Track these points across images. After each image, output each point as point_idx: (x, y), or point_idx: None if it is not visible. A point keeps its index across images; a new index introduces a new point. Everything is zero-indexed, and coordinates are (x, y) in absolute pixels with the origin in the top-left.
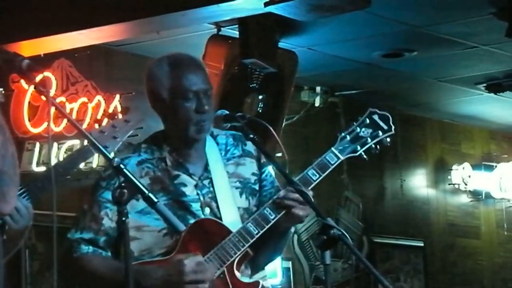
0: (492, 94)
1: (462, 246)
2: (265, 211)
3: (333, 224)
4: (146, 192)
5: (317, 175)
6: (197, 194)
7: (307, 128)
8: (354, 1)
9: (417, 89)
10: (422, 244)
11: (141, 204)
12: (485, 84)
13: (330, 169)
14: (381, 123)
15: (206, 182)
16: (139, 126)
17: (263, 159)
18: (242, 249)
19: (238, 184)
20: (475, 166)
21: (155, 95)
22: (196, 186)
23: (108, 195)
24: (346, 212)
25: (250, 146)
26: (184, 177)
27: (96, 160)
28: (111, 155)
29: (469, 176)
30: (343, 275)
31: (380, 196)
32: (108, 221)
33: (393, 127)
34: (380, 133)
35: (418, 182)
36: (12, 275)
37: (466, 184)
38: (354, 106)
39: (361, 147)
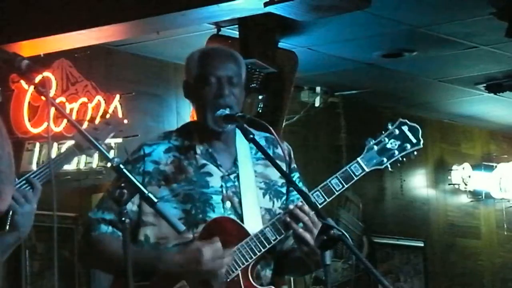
0: (492, 94)
1: (462, 246)
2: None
3: (333, 224)
4: (146, 192)
5: (340, 186)
6: (221, 186)
7: (307, 129)
8: (354, 1)
9: (417, 89)
10: (422, 244)
11: (163, 191)
12: (485, 84)
13: (354, 181)
14: (410, 136)
15: (232, 176)
16: (120, 129)
17: (293, 164)
18: (258, 254)
19: (263, 184)
20: (475, 166)
21: (185, 82)
22: (222, 177)
23: None
24: (346, 212)
25: (281, 150)
26: (211, 167)
27: (96, 160)
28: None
29: (469, 176)
30: (343, 275)
31: (380, 196)
32: (130, 204)
33: (421, 141)
34: (409, 146)
35: (418, 182)
36: (12, 275)
37: (466, 184)
38: (354, 106)
39: (388, 160)
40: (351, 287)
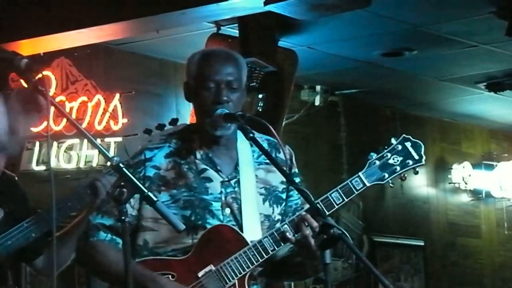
0: (492, 93)
1: (463, 245)
2: (285, 229)
3: (333, 223)
4: (145, 191)
5: (341, 199)
6: (221, 192)
7: (307, 128)
8: (354, 0)
9: (417, 88)
10: (423, 243)
11: (163, 196)
12: (485, 83)
13: (354, 195)
14: (413, 152)
15: (233, 181)
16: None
17: (294, 169)
18: (256, 264)
19: (263, 190)
20: (475, 165)
21: (186, 84)
22: (222, 183)
23: None
24: (346, 211)
25: (283, 154)
26: (211, 172)
27: (96, 159)
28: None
29: (469, 175)
30: (343, 275)
31: (381, 195)
32: (130, 208)
33: (423, 158)
34: (410, 162)
35: (418, 181)
36: (11, 275)
37: (466, 183)
38: (354, 105)
39: (389, 176)
40: (351, 286)
